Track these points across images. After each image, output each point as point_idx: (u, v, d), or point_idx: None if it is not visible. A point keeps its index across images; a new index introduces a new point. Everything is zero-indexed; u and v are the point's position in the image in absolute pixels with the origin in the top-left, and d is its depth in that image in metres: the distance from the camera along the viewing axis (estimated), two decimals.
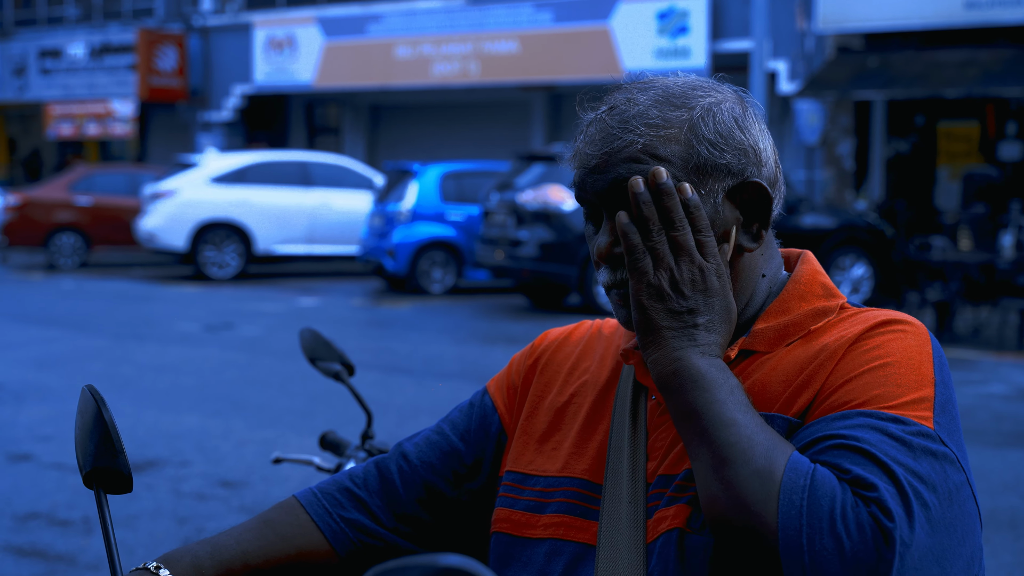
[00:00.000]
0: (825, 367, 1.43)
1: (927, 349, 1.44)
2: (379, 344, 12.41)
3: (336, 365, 2.60)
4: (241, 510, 6.22)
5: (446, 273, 17.43)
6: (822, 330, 1.50)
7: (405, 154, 26.42)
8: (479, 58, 24.02)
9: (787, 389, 1.45)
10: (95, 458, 1.48)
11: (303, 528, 1.64)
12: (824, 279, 1.58)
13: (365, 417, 2.66)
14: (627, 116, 1.48)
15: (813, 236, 15.59)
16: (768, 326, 1.52)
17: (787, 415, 1.43)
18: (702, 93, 1.51)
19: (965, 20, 17.91)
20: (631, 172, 1.46)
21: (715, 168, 1.48)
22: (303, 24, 26.46)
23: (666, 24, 21.46)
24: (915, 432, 1.34)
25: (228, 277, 19.28)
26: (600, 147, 1.48)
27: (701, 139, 1.47)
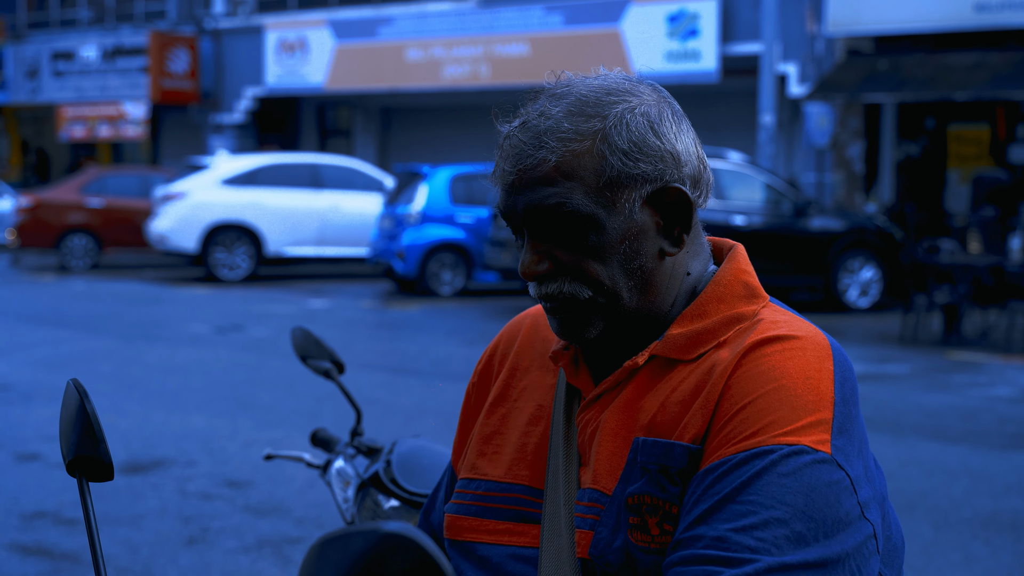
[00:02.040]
0: (716, 386, 1.43)
1: (827, 365, 1.42)
2: (388, 346, 12.45)
3: (326, 363, 2.64)
4: (246, 510, 6.26)
5: (455, 275, 17.47)
6: (729, 341, 1.48)
7: (416, 156, 26.47)
8: (490, 61, 24.06)
9: (684, 413, 1.44)
10: (77, 447, 1.51)
11: None
12: (748, 277, 1.55)
13: (354, 415, 2.69)
14: (539, 131, 1.48)
15: (822, 239, 15.60)
16: (682, 331, 1.51)
17: (686, 442, 1.42)
18: (616, 99, 1.50)
19: (975, 23, 17.89)
20: (544, 196, 1.46)
21: (630, 178, 1.48)
22: (314, 27, 26.53)
23: (676, 27, 21.48)
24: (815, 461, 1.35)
25: (239, 279, 19.34)
26: (514, 164, 1.49)
27: (614, 150, 1.47)
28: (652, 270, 1.51)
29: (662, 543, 1.42)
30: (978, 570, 5.43)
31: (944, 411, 9.04)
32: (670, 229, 1.52)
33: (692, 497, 1.39)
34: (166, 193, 19.50)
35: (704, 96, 23.30)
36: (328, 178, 20.06)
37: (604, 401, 1.53)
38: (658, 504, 1.42)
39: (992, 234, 14.53)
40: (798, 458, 1.35)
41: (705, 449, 1.41)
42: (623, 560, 1.44)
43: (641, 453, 1.45)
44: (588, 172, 1.47)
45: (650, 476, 1.43)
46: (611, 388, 1.53)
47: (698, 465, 1.41)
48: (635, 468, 1.45)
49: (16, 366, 10.73)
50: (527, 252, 1.51)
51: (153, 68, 28.03)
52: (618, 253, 1.49)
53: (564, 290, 1.49)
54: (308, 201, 19.68)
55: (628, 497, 1.44)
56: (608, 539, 1.45)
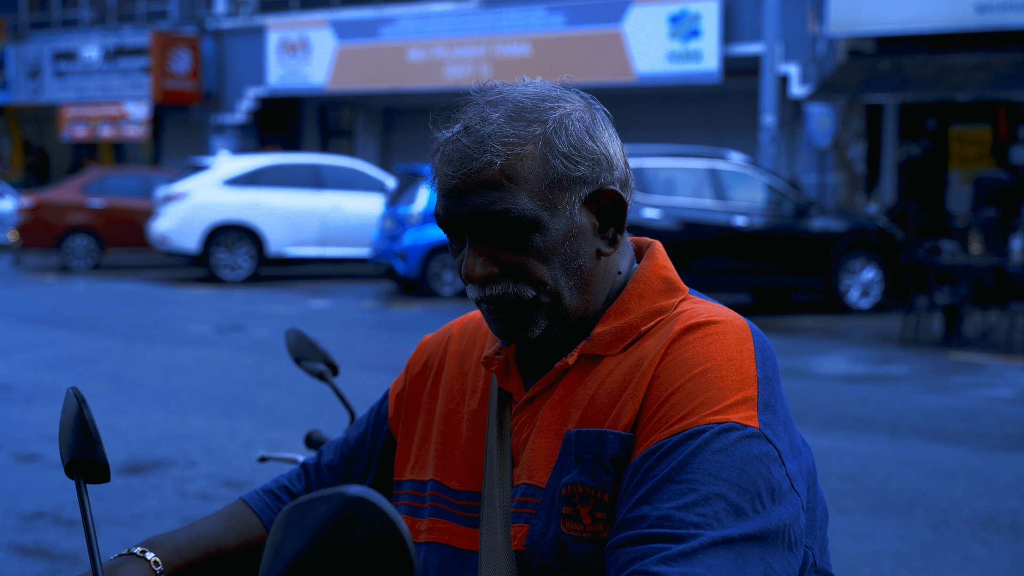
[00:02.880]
0: (645, 376, 1.48)
1: (748, 346, 1.48)
2: (389, 346, 12.45)
3: (320, 365, 2.64)
4: None
5: (457, 276, 17.46)
6: (651, 332, 1.54)
7: (418, 157, 26.47)
8: (491, 61, 24.06)
9: (615, 403, 1.49)
10: (75, 450, 1.56)
11: (254, 520, 1.78)
12: (666, 272, 1.61)
13: (348, 416, 2.69)
14: (482, 135, 1.51)
15: (823, 239, 15.59)
16: (607, 329, 1.56)
17: (618, 430, 1.47)
18: (552, 104, 1.54)
19: (977, 24, 17.89)
20: (490, 201, 1.50)
21: (571, 181, 1.52)
22: (316, 27, 26.54)
23: (678, 27, 21.47)
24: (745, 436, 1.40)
25: (240, 279, 19.35)
26: (458, 168, 1.51)
27: (556, 153, 1.51)
28: (590, 270, 1.56)
29: (594, 532, 1.46)
30: (976, 571, 5.43)
31: (944, 412, 9.04)
32: (605, 230, 1.57)
33: (632, 482, 1.42)
34: (167, 193, 19.51)
35: (705, 97, 23.31)
36: (329, 178, 20.07)
37: (537, 403, 1.57)
38: (591, 493, 1.46)
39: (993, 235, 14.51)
40: (729, 434, 1.40)
41: (637, 436, 1.45)
42: (556, 550, 1.47)
43: (575, 444, 1.49)
44: (532, 175, 1.51)
45: (584, 465, 1.47)
46: (543, 390, 1.57)
47: (631, 452, 1.45)
48: (568, 459, 1.49)
49: (17, 366, 10.74)
50: (471, 256, 1.54)
51: (155, 68, 28.05)
52: (559, 254, 1.53)
53: (509, 291, 1.53)
54: (310, 201, 19.69)
55: (562, 487, 1.48)
56: (542, 530, 1.49)
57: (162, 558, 1.65)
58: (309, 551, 1.11)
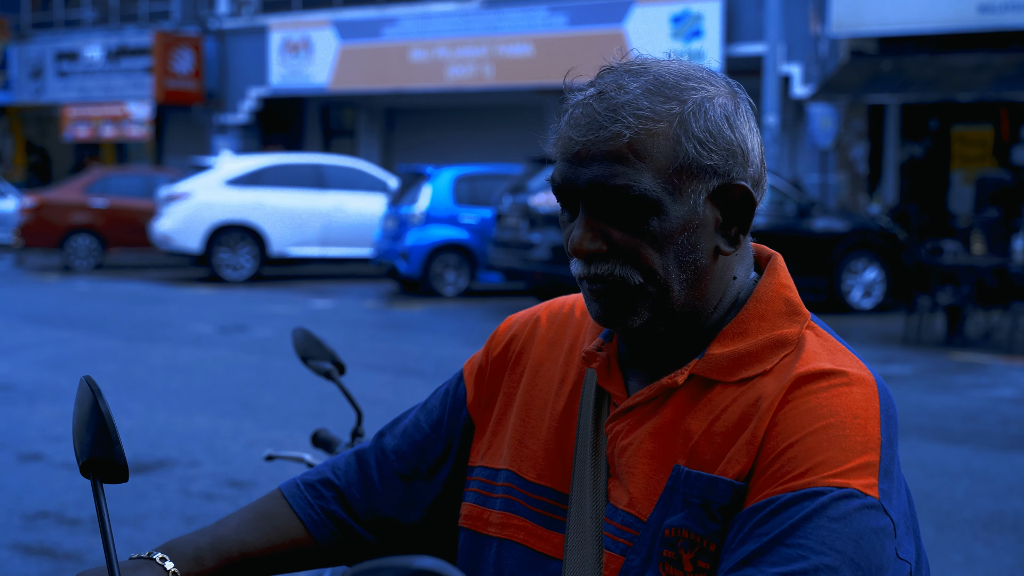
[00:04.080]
0: (763, 421, 1.38)
1: (874, 404, 1.39)
2: (391, 346, 12.46)
3: (327, 364, 2.65)
4: None
5: (459, 276, 17.48)
6: (774, 371, 1.42)
7: (420, 157, 26.48)
8: (494, 61, 24.07)
9: (729, 445, 1.39)
10: (91, 449, 1.48)
11: (289, 519, 1.66)
12: (788, 292, 1.50)
13: (355, 415, 2.69)
14: (615, 104, 1.41)
15: (825, 240, 15.59)
16: (724, 352, 1.45)
17: (730, 478, 1.38)
18: (696, 85, 1.44)
19: (979, 24, 17.88)
20: (612, 174, 1.40)
21: (701, 168, 1.42)
22: (318, 27, 26.55)
23: (680, 28, 21.48)
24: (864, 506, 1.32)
25: (242, 279, 19.35)
26: (584, 133, 1.41)
27: (690, 136, 1.41)
28: (705, 267, 1.45)
29: None
30: (979, 571, 5.44)
31: (947, 412, 9.04)
32: (728, 228, 1.46)
33: (738, 535, 1.34)
34: (170, 193, 19.52)
35: None
36: (332, 178, 20.08)
37: (637, 415, 1.47)
38: (696, 540, 1.38)
39: (995, 235, 14.51)
40: (848, 502, 1.31)
41: (750, 487, 1.36)
42: None
43: (683, 484, 1.40)
44: (660, 155, 1.41)
45: (691, 510, 1.38)
46: (645, 403, 1.47)
47: (741, 502, 1.36)
48: (675, 497, 1.41)
49: (19, 366, 10.75)
50: (581, 228, 1.44)
51: (157, 68, 28.06)
52: (675, 243, 1.42)
53: (615, 273, 1.43)
54: (312, 201, 19.70)
55: (666, 529, 1.40)
56: (639, 568, 1.41)
57: (181, 568, 1.56)
58: None
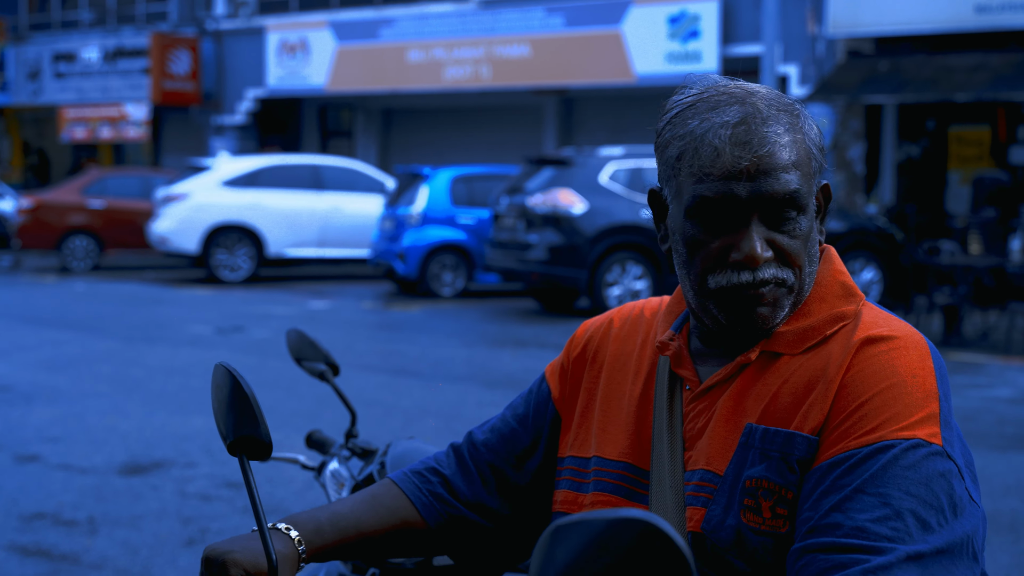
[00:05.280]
0: (832, 382, 1.54)
1: (928, 363, 1.55)
2: (388, 347, 12.46)
3: (321, 365, 2.65)
4: (246, 511, 6.26)
5: (456, 276, 17.48)
6: (834, 336, 1.59)
7: (418, 157, 26.48)
8: (491, 62, 24.06)
9: (800, 405, 1.55)
10: (237, 428, 1.60)
11: (401, 501, 1.83)
12: (844, 278, 1.66)
13: (349, 416, 2.69)
14: (764, 120, 1.56)
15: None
16: (790, 329, 1.61)
17: (805, 433, 1.53)
18: (790, 101, 1.62)
19: (976, 24, 17.88)
20: (781, 184, 1.55)
21: (819, 172, 1.62)
22: (316, 28, 26.55)
23: (677, 28, 21.48)
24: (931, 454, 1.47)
25: (240, 280, 19.35)
26: (748, 151, 1.55)
27: (816, 145, 1.61)
28: (818, 260, 1.65)
29: (772, 526, 1.52)
30: None
31: None
32: (820, 220, 1.66)
33: (819, 487, 1.49)
34: (167, 194, 19.52)
35: None
36: (329, 179, 20.08)
37: (714, 393, 1.63)
38: (775, 489, 1.52)
39: (992, 235, 14.53)
40: (916, 451, 1.47)
41: (822, 441, 1.52)
42: (734, 538, 1.54)
43: (761, 440, 1.55)
44: (804, 163, 1.59)
45: (770, 462, 1.53)
46: (722, 381, 1.63)
47: (816, 455, 1.52)
48: (750, 452, 1.55)
49: (17, 367, 10.74)
50: (752, 239, 1.57)
51: (154, 69, 28.06)
52: (810, 240, 1.61)
53: (778, 275, 1.58)
54: (309, 202, 19.70)
55: (746, 480, 1.54)
56: (720, 516, 1.55)
57: (304, 538, 1.69)
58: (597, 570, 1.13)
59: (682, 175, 1.59)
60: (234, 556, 1.62)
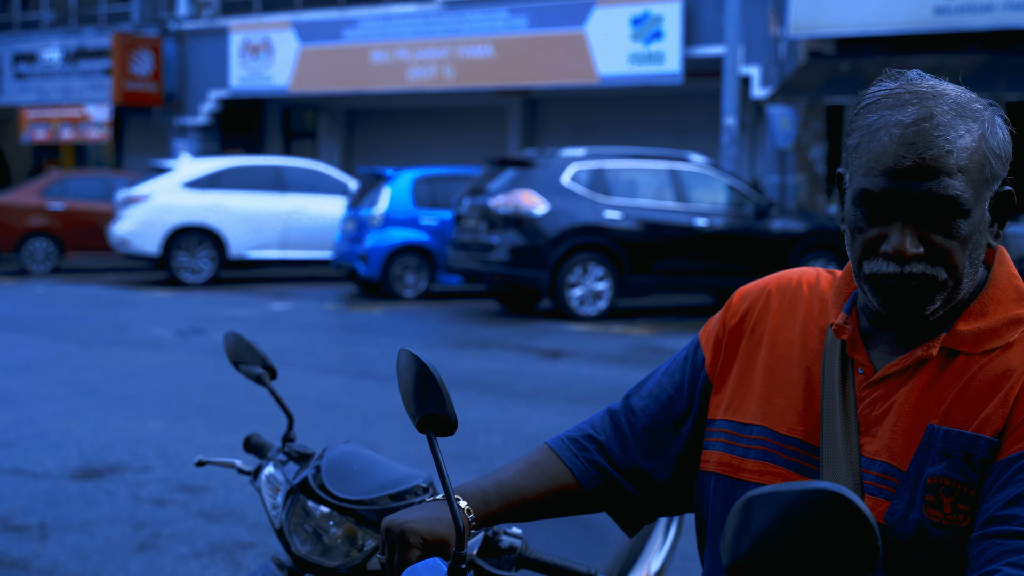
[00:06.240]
0: (1014, 387, 1.63)
1: None
2: (349, 349, 12.41)
3: (258, 368, 2.62)
4: (199, 515, 6.22)
5: (419, 278, 17.45)
6: (1014, 344, 1.68)
7: (382, 159, 26.43)
8: (454, 63, 24.04)
9: (982, 408, 1.63)
10: (424, 408, 1.76)
11: (559, 468, 1.95)
12: (1018, 282, 1.74)
13: (287, 420, 2.67)
14: (939, 123, 1.62)
15: (784, 240, 15.66)
16: (969, 328, 1.69)
17: (986, 435, 1.62)
18: (980, 106, 1.67)
19: (936, 26, 18.01)
20: (941, 187, 1.61)
21: (995, 178, 1.67)
22: (279, 29, 26.45)
23: (640, 29, 21.52)
24: None
25: (201, 282, 19.24)
26: (917, 151, 1.61)
27: (991, 151, 1.65)
28: (981, 262, 1.71)
29: (953, 520, 1.61)
30: None
31: None
32: (993, 225, 1.71)
33: (998, 481, 1.59)
34: (128, 196, 19.39)
35: (668, 98, 23.37)
36: (291, 181, 20.00)
37: (892, 383, 1.71)
38: (956, 487, 1.61)
39: None
40: None
41: (1002, 442, 1.61)
42: (916, 531, 1.63)
43: (943, 441, 1.63)
44: (974, 168, 1.63)
45: (951, 461, 1.62)
46: (900, 372, 1.70)
47: (996, 455, 1.61)
48: (932, 451, 1.64)
49: None
50: (904, 235, 1.64)
51: (116, 70, 27.87)
52: (972, 243, 1.66)
53: (927, 272, 1.65)
54: (271, 204, 19.61)
55: (928, 477, 1.63)
56: (904, 511, 1.64)
57: (472, 507, 1.84)
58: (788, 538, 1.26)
59: (854, 164, 1.68)
60: (412, 525, 1.77)
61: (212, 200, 19.31)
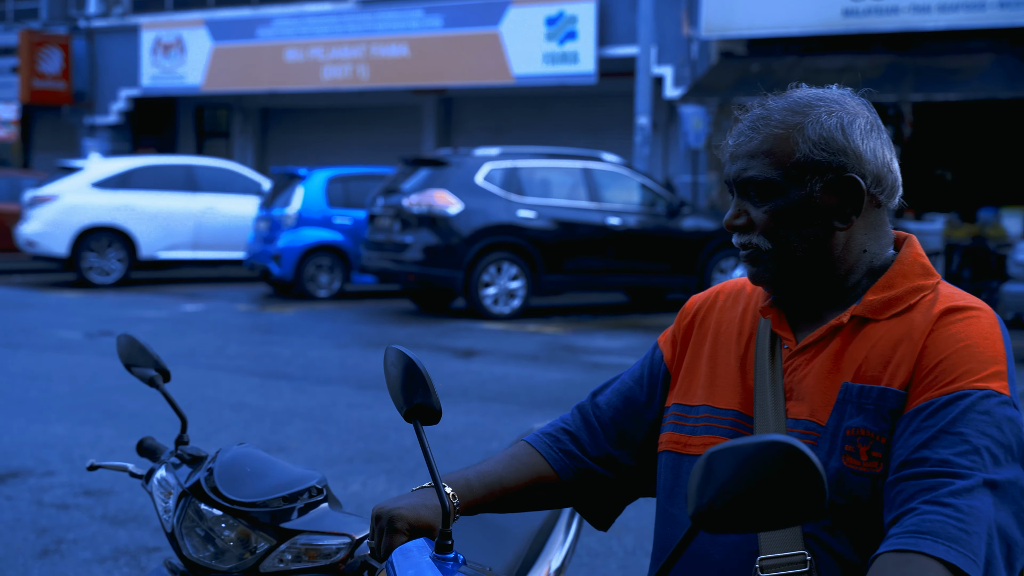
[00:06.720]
0: (917, 344, 1.85)
1: (997, 330, 1.86)
2: (261, 349, 12.31)
3: (151, 371, 2.59)
4: (104, 519, 6.14)
5: (332, 278, 17.35)
6: (916, 305, 1.90)
7: (296, 158, 26.25)
8: (369, 62, 23.95)
9: (888, 363, 1.85)
10: (411, 398, 1.91)
11: (536, 459, 2.16)
12: (923, 260, 1.97)
13: (180, 423, 2.64)
14: (755, 117, 1.93)
15: (696, 239, 15.81)
16: (877, 298, 1.92)
17: (894, 387, 1.83)
18: (822, 104, 1.92)
19: (844, 28, 18.31)
20: (746, 168, 1.92)
21: (813, 163, 1.89)
22: (191, 27, 26.16)
23: (555, 29, 21.60)
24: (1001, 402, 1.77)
25: (111, 283, 18.96)
26: (734, 140, 1.95)
27: (807, 139, 1.89)
28: (822, 238, 1.92)
29: (869, 467, 1.81)
30: None
31: None
32: (843, 209, 1.92)
33: (908, 429, 1.79)
34: (36, 196, 19.04)
35: (582, 98, 23.48)
36: (204, 180, 19.77)
37: (811, 351, 1.94)
38: (871, 436, 1.82)
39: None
40: (989, 400, 1.77)
41: (909, 394, 1.82)
42: (836, 478, 1.82)
43: (858, 396, 1.85)
44: (783, 152, 1.90)
45: (867, 414, 1.83)
46: (817, 341, 1.93)
47: (904, 405, 1.82)
48: (848, 406, 1.85)
49: None
50: (732, 208, 1.97)
51: (24, 68, 27.37)
52: (797, 219, 1.91)
53: (752, 242, 1.94)
54: (183, 204, 19.37)
55: (846, 429, 1.84)
56: (823, 460, 1.83)
57: (457, 492, 2.02)
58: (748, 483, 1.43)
59: None
60: (399, 511, 1.94)
61: (122, 200, 19.02)
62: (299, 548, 2.31)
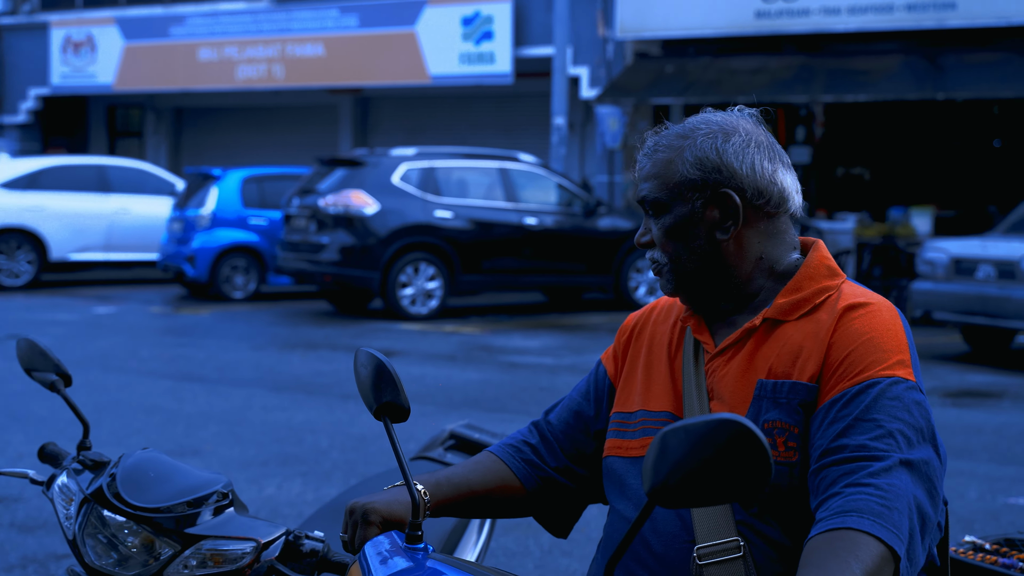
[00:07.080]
0: (823, 341, 1.98)
1: (897, 321, 2.00)
2: (174, 352, 12.17)
3: (52, 375, 2.55)
4: (12, 527, 6.02)
5: (248, 279, 17.20)
6: (822, 305, 2.04)
7: (211, 158, 25.97)
8: (284, 61, 23.78)
9: (797, 359, 2.00)
10: (380, 396, 2.00)
11: (501, 467, 2.29)
12: (829, 262, 2.11)
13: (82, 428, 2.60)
14: (651, 144, 2.13)
15: (612, 239, 15.90)
16: (786, 300, 2.06)
17: (804, 381, 1.97)
18: (708, 128, 2.08)
19: (756, 29, 18.53)
20: (641, 190, 2.12)
21: (690, 182, 2.07)
22: (102, 25, 25.78)
23: (471, 30, 21.61)
24: (908, 387, 1.92)
25: (21, 286, 18.60)
26: (638, 165, 2.14)
27: (684, 162, 2.07)
28: (709, 250, 2.09)
29: (786, 456, 1.95)
30: None
31: None
32: (723, 222, 2.08)
33: (826, 420, 1.93)
34: None
35: (499, 98, 23.50)
36: (116, 181, 19.48)
37: (729, 353, 2.08)
38: (787, 427, 1.96)
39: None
40: (897, 386, 1.92)
41: (821, 387, 1.96)
42: None
43: (772, 391, 1.99)
44: (666, 174, 2.09)
45: (781, 407, 1.97)
46: (733, 344, 2.08)
47: (816, 398, 1.96)
48: (763, 402, 1.99)
49: None
50: (641, 227, 2.16)
51: None
52: (684, 233, 2.08)
53: (654, 257, 2.14)
54: (95, 205, 19.07)
55: (764, 422, 1.98)
56: None
57: (428, 490, 2.14)
58: (701, 457, 1.53)
59: None
60: (373, 506, 2.04)
61: (32, 201, 18.68)
62: (204, 553, 2.28)
